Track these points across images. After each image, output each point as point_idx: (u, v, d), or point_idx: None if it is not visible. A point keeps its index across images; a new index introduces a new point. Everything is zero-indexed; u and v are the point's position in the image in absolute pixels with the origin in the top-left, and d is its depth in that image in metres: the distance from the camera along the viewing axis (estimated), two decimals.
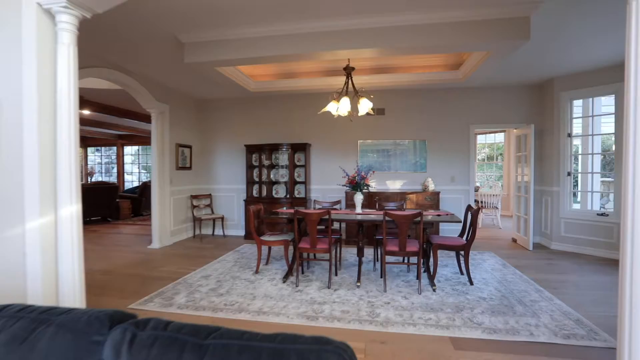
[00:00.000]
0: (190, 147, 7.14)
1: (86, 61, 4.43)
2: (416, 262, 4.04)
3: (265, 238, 4.49)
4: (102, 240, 6.70)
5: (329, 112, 4.50)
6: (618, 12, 3.42)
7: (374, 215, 4.35)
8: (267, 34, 3.84)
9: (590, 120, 5.73)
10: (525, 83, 6.16)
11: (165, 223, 6.28)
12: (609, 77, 5.23)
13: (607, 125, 6.70)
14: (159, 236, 6.15)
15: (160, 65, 4.87)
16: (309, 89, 5.86)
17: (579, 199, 6.17)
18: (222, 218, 7.09)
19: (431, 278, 4.02)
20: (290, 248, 4.51)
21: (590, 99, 5.68)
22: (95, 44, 4.16)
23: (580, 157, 6.16)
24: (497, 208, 8.20)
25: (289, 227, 4.96)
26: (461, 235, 4.45)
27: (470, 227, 4.02)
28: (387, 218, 3.71)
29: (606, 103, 6.16)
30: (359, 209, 4.52)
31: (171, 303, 3.49)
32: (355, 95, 4.34)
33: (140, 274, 4.51)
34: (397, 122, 6.69)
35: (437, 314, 3.22)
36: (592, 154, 5.76)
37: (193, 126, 7.29)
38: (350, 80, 4.36)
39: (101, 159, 15.15)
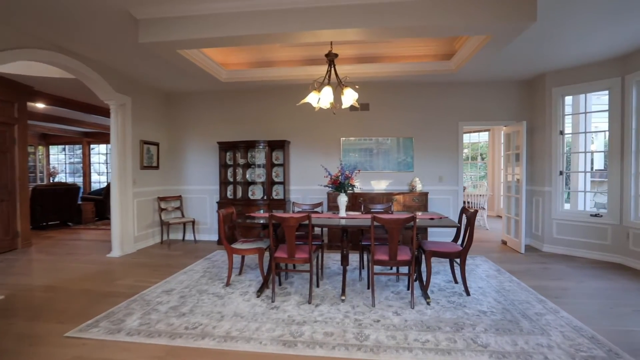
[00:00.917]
0: (157, 144, 6.49)
1: (16, 41, 3.74)
2: (407, 272, 3.62)
3: (237, 246, 3.96)
4: (55, 249, 5.97)
5: (309, 105, 4.03)
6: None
7: (360, 219, 3.90)
8: (237, 9, 3.31)
9: (583, 117, 5.48)
10: (515, 79, 5.87)
11: (127, 228, 5.63)
12: (603, 72, 4.98)
13: (597, 123, 6.52)
14: (120, 243, 5.49)
15: (112, 47, 4.19)
16: (287, 80, 5.35)
17: (568, 199, 5.93)
18: (193, 222, 6.48)
19: (424, 289, 3.60)
20: (267, 256, 4.00)
21: (583, 95, 5.43)
22: (27, 18, 3.48)
23: (570, 155, 5.92)
24: (483, 209, 7.93)
25: (266, 233, 4.45)
26: (455, 240, 4.06)
27: (467, 231, 3.62)
28: (375, 223, 3.25)
29: (596, 101, 5.96)
30: (342, 213, 4.05)
31: (120, 328, 2.91)
32: (338, 85, 3.87)
33: (90, 290, 3.88)
34: (383, 118, 6.29)
35: (435, 334, 2.78)
36: (585, 152, 5.51)
37: (160, 122, 6.65)
38: (333, 68, 3.89)
39: (66, 158, 14.09)
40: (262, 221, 3.86)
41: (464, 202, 8.02)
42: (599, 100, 6.24)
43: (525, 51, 4.53)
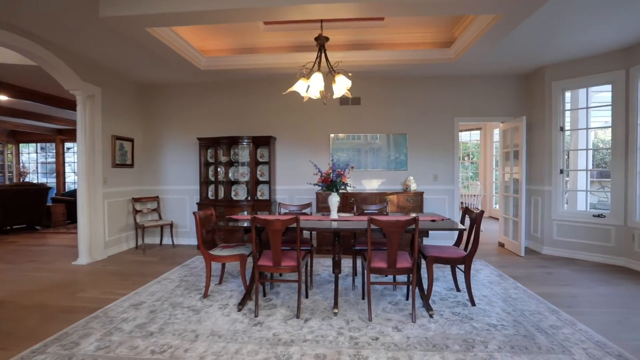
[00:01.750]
0: (131, 140, 5.98)
1: None
2: (406, 280, 3.26)
3: (216, 252, 3.52)
4: (14, 256, 5.39)
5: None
6: None
7: (355, 222, 3.51)
8: None
9: (585, 112, 5.24)
10: (513, 73, 5.60)
11: (96, 232, 5.11)
12: (606, 65, 4.74)
13: (594, 119, 6.32)
14: (88, 249, 4.97)
15: (71, 25, 3.58)
16: (272, 68, 4.88)
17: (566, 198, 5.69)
18: (171, 225, 5.98)
19: (425, 299, 3.24)
20: (251, 262, 3.58)
21: (585, 90, 5.19)
22: None
23: (569, 153, 5.68)
24: (477, 209, 7.66)
25: (249, 237, 4.03)
26: (457, 244, 3.72)
27: (472, 235, 3.28)
28: (372, 226, 2.87)
29: (593, 97, 5.74)
30: (334, 214, 3.66)
31: (72, 354, 2.45)
32: (329, 72, 3.49)
33: (45, 305, 3.38)
34: (375, 113, 5.93)
35: (443, 354, 2.42)
36: (587, 149, 5.27)
37: (135, 116, 6.13)
38: (323, 53, 3.50)
39: (37, 157, 13.28)
40: (245, 224, 3.43)
41: (461, 203, 7.73)
42: (595, 97, 6.05)
43: (525, 42, 4.24)
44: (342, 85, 3.43)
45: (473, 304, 3.27)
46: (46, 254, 5.54)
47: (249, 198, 5.80)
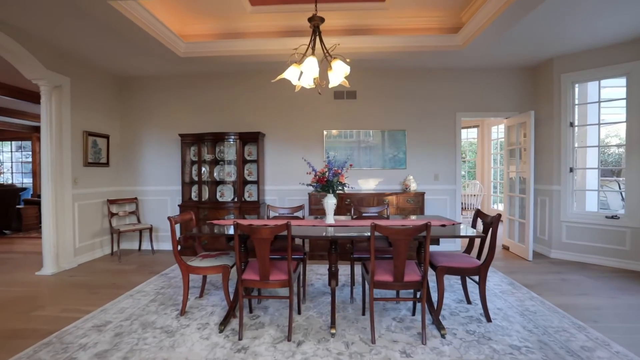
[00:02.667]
0: (106, 136, 5.46)
1: None
2: (414, 295, 2.85)
3: (194, 263, 3.07)
4: None
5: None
6: None
7: (354, 227, 3.09)
8: None
9: (593, 107, 4.91)
10: (518, 65, 5.24)
11: (65, 238, 4.60)
12: (620, 56, 4.42)
13: (608, 113, 5.99)
14: (55, 257, 4.46)
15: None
16: (260, 55, 4.37)
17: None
18: (151, 229, 5.48)
19: (435, 315, 2.83)
20: (236, 273, 3.13)
21: (593, 83, 4.86)
22: None
23: (578, 150, 5.35)
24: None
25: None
26: (467, 251, 3.33)
27: (483, 241, 2.89)
28: (376, 233, 2.45)
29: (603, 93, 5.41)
30: (330, 219, 3.23)
31: None
32: (325, 57, 3.06)
33: None
34: (372, 108, 5.52)
35: None
36: (599, 146, 4.94)
37: (111, 111, 5.61)
38: (318, 36, 3.07)
39: (13, 156, 12.56)
40: (231, 231, 2.99)
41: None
42: (602, 92, 5.73)
43: (534, 31, 3.91)
44: (339, 72, 3.00)
45: (489, 319, 2.88)
46: (8, 262, 4.99)
47: (236, 199, 5.34)
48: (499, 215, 2.86)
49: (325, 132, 5.55)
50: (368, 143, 5.54)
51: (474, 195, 7.49)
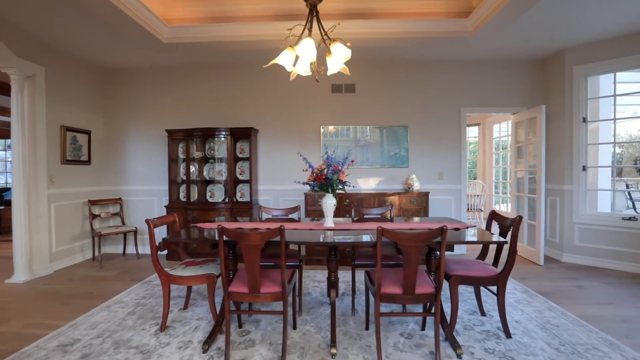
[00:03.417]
0: (88, 132, 5.08)
1: None
2: (425, 310, 2.53)
3: (176, 272, 2.71)
4: None
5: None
6: None
7: (355, 230, 2.76)
8: None
9: (612, 100, 4.61)
10: (527, 57, 4.95)
11: (39, 242, 4.22)
12: (637, 47, 4.13)
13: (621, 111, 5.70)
14: (27, 263, 4.08)
15: None
16: (251, 42, 3.93)
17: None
18: (136, 231, 5.11)
19: (449, 330, 2.50)
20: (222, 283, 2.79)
21: (606, 76, 4.58)
22: None
23: (588, 148, 5.06)
24: (481, 210, 7.03)
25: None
26: (481, 257, 3.00)
27: (500, 247, 2.56)
28: (383, 239, 2.12)
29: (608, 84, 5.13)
30: (329, 221, 2.89)
31: None
32: (323, 41, 2.72)
33: None
34: (372, 102, 5.20)
35: None
36: (615, 143, 4.65)
37: (93, 105, 5.23)
38: (315, 17, 2.73)
39: (5, 154, 12.06)
40: (216, 236, 2.64)
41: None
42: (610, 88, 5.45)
43: (546, 19, 3.65)
44: (339, 57, 2.67)
45: (508, 335, 2.55)
46: None
47: (227, 200, 4.99)
48: (520, 218, 2.54)
49: (322, 129, 5.22)
50: (368, 140, 5.21)
51: (477, 195, 7.19)
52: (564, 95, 4.71)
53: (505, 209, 8.58)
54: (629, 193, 5.70)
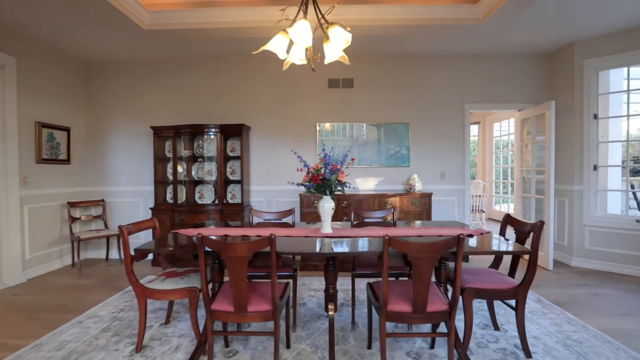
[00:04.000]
0: (67, 129, 4.73)
1: None
2: (435, 330, 2.24)
3: (153, 285, 2.40)
4: None
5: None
6: None
7: (356, 237, 2.46)
8: None
9: (622, 97, 4.37)
10: (533, 52, 4.71)
11: (10, 248, 3.87)
12: None
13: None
14: None
15: None
16: (240, 28, 3.56)
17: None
18: (119, 235, 4.78)
19: (463, 351, 2.21)
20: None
21: (622, 70, 4.34)
22: None
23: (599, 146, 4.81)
24: (483, 212, 6.78)
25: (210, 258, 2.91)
26: (494, 265, 2.73)
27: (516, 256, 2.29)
28: (390, 249, 1.83)
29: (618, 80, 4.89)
30: (327, 227, 2.59)
31: None
32: (319, 24, 2.42)
33: None
34: (370, 98, 4.91)
35: None
36: (628, 141, 4.40)
37: (74, 100, 4.88)
38: None
39: None
40: (191, 246, 2.33)
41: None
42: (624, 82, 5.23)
43: (558, 8, 3.34)
44: (338, 42, 2.37)
45: (528, 354, 2.28)
46: None
47: (217, 201, 4.67)
48: (542, 224, 2.26)
49: (318, 126, 4.92)
50: (366, 137, 4.92)
51: (478, 195, 6.94)
52: (574, 91, 4.46)
53: (506, 209, 8.35)
54: (634, 194, 5.48)
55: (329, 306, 2.34)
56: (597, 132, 4.38)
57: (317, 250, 2.17)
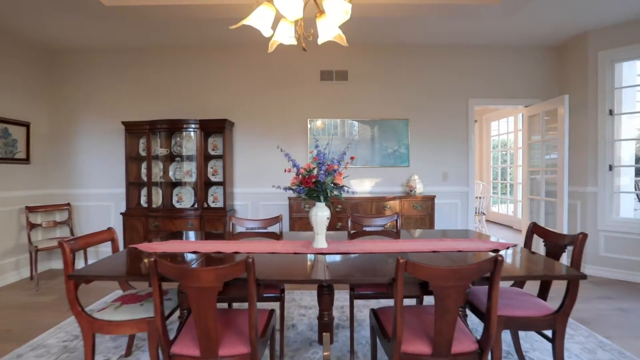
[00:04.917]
0: (25, 124, 4.19)
1: None
2: None
3: (104, 315, 1.92)
4: None
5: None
6: None
7: (357, 254, 2.02)
8: None
9: (627, 92, 4.03)
10: (541, 44, 4.38)
11: None
12: None
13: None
14: None
15: None
16: (217, 5, 3.15)
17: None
18: None
19: None
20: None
21: (635, 62, 3.99)
22: None
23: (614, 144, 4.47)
24: (483, 214, 6.41)
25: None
26: (519, 284, 2.31)
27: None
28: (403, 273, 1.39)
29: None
30: (321, 241, 2.13)
31: None
32: None
33: None
34: (366, 92, 4.49)
35: None
36: None
37: (34, 92, 4.34)
38: None
39: None
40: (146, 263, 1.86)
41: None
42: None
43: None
44: (334, 16, 1.92)
45: None
46: None
47: (197, 205, 4.18)
48: (585, 236, 1.85)
49: (309, 123, 4.47)
50: (362, 135, 4.50)
51: (478, 197, 6.57)
52: (587, 85, 4.10)
53: (504, 211, 8.03)
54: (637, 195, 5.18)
55: (324, 338, 1.90)
56: (613, 129, 4.03)
57: (309, 274, 1.72)
